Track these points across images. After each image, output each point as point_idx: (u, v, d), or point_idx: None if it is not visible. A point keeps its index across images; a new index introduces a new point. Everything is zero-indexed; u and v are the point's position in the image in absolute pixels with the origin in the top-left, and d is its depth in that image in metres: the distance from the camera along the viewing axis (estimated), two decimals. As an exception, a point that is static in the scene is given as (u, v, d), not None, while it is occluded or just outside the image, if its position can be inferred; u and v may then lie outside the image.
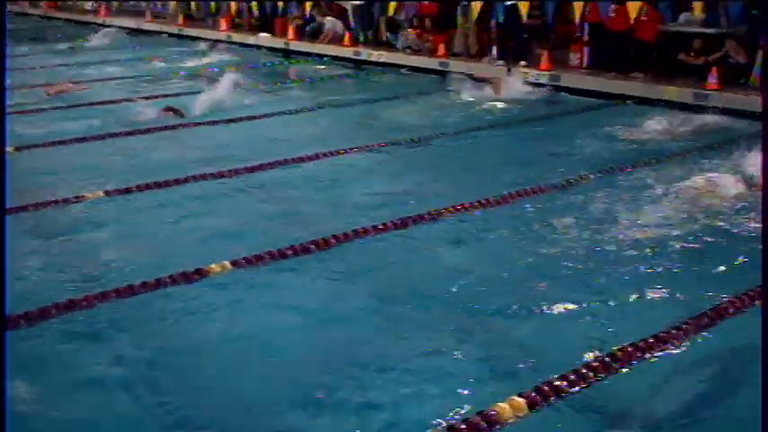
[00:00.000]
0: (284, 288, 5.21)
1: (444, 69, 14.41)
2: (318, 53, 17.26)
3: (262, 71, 15.84)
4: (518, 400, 3.70)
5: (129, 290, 4.99)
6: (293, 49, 18.07)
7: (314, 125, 10.45)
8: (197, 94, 11.51)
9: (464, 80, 12.68)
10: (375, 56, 16.05)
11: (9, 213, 5.75)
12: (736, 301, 4.76)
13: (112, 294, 4.93)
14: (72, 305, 4.77)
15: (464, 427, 3.51)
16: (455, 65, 14.36)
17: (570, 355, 4.19)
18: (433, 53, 15.13)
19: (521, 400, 3.70)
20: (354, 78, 15.17)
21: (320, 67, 16.37)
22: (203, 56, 17.59)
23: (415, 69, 15.03)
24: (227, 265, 5.35)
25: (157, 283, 5.08)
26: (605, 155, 8.53)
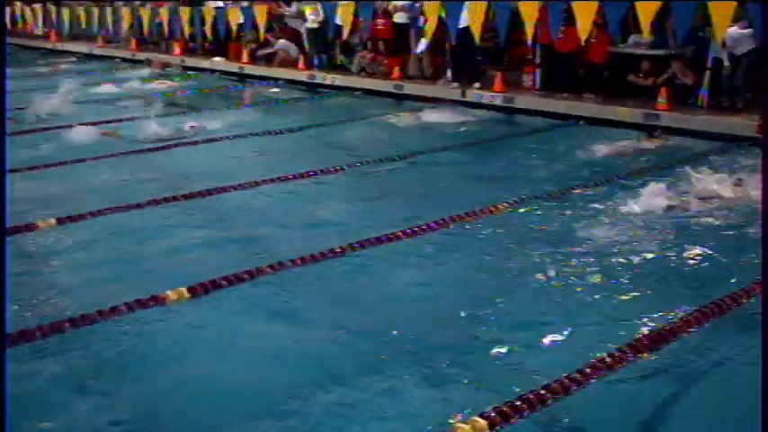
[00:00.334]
0: (240, 314, 5.16)
1: (399, 92, 14.51)
2: (273, 77, 17.26)
3: (216, 95, 15.78)
4: (480, 421, 3.70)
5: (84, 318, 4.90)
6: (248, 72, 18.04)
7: (269, 149, 10.42)
8: (148, 119, 11.42)
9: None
10: (330, 79, 16.10)
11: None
12: (691, 319, 4.82)
13: (66, 324, 4.85)
14: (24, 336, 4.67)
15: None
16: (410, 87, 14.47)
17: (529, 375, 4.21)
18: (387, 76, 15.22)
19: (482, 422, 3.71)
20: (309, 102, 15.19)
21: (275, 90, 16.36)
22: (155, 80, 17.48)
23: (369, 92, 15.09)
24: (183, 291, 5.29)
25: (113, 311, 5.01)
26: (559, 175, 8.63)
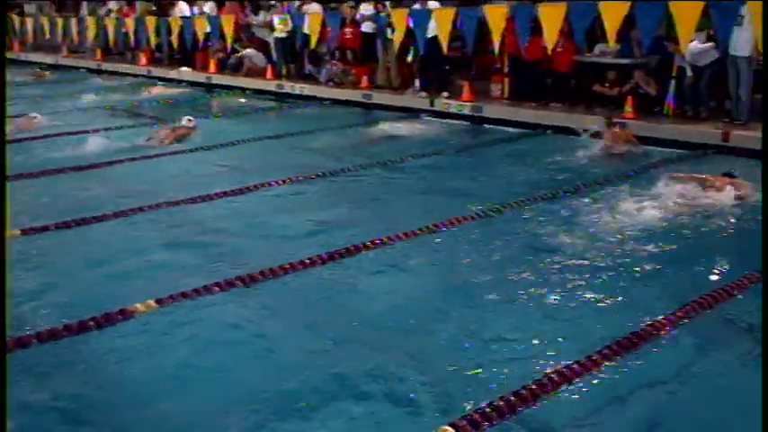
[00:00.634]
0: (211, 325, 5.11)
1: (367, 101, 14.54)
2: (241, 86, 17.21)
3: (184, 105, 15.69)
4: (449, 431, 3.70)
5: (51, 333, 4.83)
6: (215, 82, 17.98)
7: (237, 159, 10.36)
8: (119, 130, 11.32)
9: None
10: (298, 89, 16.08)
11: None
12: (660, 325, 4.85)
13: (33, 339, 4.77)
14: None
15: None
16: (378, 97, 14.49)
17: (500, 382, 4.22)
18: (355, 85, 15.24)
19: (451, 431, 3.70)
20: (277, 111, 15.15)
21: (243, 100, 16.30)
22: (125, 91, 17.36)
23: (337, 102, 15.09)
24: (151, 303, 5.23)
25: (80, 326, 4.94)
26: (527, 184, 8.67)
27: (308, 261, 6.06)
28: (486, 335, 4.89)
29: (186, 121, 11.68)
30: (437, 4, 13.99)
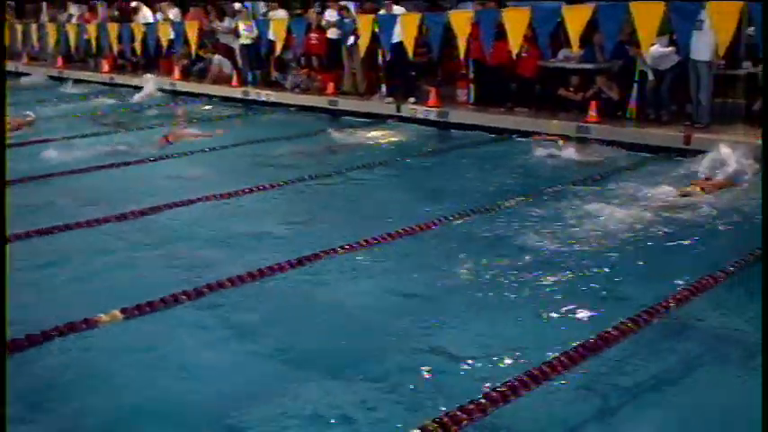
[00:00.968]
0: (178, 335, 5.06)
1: (334, 107, 14.52)
2: (206, 93, 17.10)
3: (147, 113, 15.56)
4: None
5: (12, 344, 4.75)
6: (180, 89, 17.85)
7: (203, 166, 10.30)
8: (83, 138, 11.20)
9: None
10: (264, 95, 16.02)
11: None
12: (624, 326, 4.90)
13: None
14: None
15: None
16: (345, 103, 14.49)
17: (470, 384, 4.23)
18: (321, 92, 15.21)
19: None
20: (243, 118, 15.07)
21: (208, 107, 16.20)
22: (88, 99, 17.18)
23: (304, 108, 15.06)
24: (116, 314, 5.17)
25: (44, 336, 4.87)
26: (493, 188, 8.72)
27: (276, 267, 6.04)
28: (456, 338, 4.90)
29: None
30: (403, 9, 14.01)
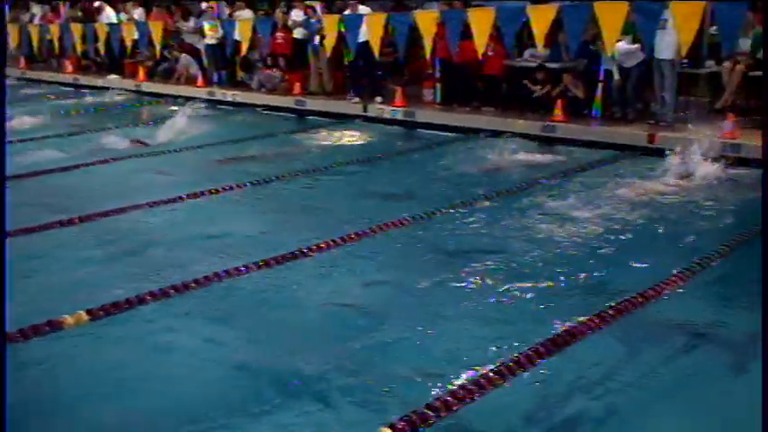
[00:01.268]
0: (145, 335, 5.01)
1: (300, 108, 14.49)
2: (172, 94, 16.97)
3: (112, 113, 15.41)
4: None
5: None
6: (145, 90, 17.70)
7: (169, 167, 10.21)
8: (46, 139, 11.05)
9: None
10: (230, 96, 15.94)
11: None
12: (589, 323, 4.94)
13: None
14: None
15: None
16: (312, 103, 14.45)
17: (436, 383, 4.24)
18: (288, 92, 15.16)
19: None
20: (209, 119, 14.95)
21: (174, 108, 16.06)
22: (51, 100, 16.99)
23: (270, 108, 15.00)
24: (82, 315, 5.11)
25: (5, 338, 4.78)
26: (460, 187, 8.74)
27: (242, 269, 6.00)
28: (422, 337, 4.91)
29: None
30: (368, 9, 14.01)
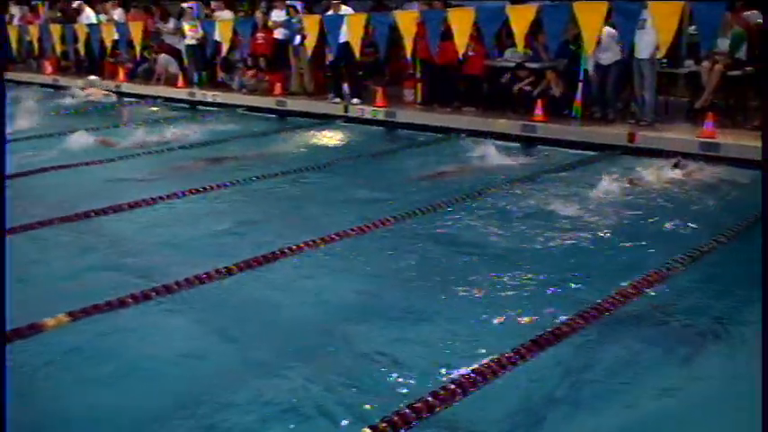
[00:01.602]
0: (126, 338, 5.00)
1: (281, 108, 14.47)
2: (152, 95, 16.90)
3: (92, 115, 15.33)
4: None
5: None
6: (125, 91, 17.62)
7: (149, 168, 10.17)
8: (27, 140, 10.98)
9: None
10: (210, 96, 15.89)
11: None
12: (572, 322, 4.98)
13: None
14: None
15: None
16: (292, 104, 14.44)
17: (417, 383, 4.25)
18: (269, 92, 15.14)
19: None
20: (190, 120, 14.91)
21: (154, 108, 16.01)
22: (31, 101, 16.86)
23: (251, 109, 14.98)
24: (62, 317, 5.08)
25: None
26: (443, 187, 8.77)
27: (223, 270, 5.99)
28: (404, 336, 4.92)
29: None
30: (350, 10, 14.02)
